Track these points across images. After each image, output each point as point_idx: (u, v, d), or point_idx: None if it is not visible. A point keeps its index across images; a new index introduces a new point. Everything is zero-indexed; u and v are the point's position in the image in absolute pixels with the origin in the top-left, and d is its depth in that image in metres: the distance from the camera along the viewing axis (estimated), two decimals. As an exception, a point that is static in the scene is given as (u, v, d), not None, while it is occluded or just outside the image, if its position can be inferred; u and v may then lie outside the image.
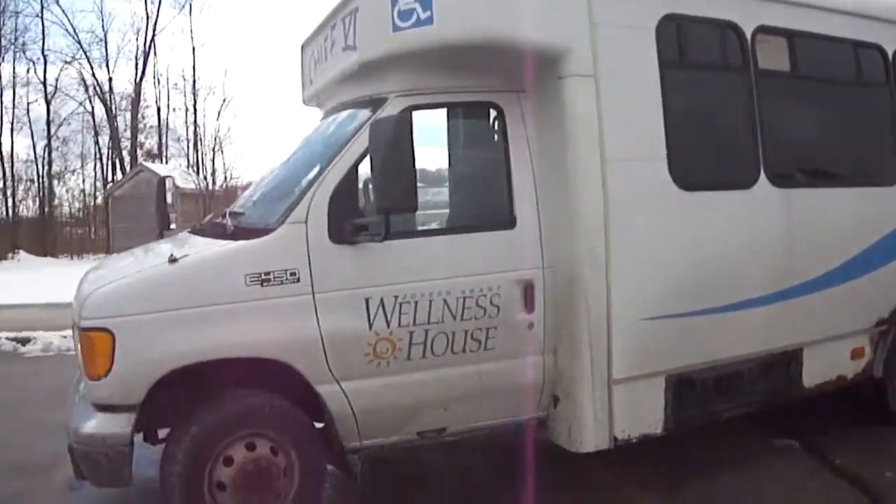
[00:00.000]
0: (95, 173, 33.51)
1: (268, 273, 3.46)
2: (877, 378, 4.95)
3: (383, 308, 3.59)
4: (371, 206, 3.79)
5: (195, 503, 3.37)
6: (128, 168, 29.60)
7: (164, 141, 33.67)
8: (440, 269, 3.70)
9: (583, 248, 3.80)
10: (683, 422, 4.15)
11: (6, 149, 30.49)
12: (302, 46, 5.02)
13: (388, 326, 3.60)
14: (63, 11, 34.74)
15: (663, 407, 4.06)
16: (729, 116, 4.51)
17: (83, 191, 34.09)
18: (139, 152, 32.01)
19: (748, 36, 4.38)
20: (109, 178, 31.56)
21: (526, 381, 3.91)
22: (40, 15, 30.32)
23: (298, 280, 3.49)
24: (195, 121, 32.12)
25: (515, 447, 4.72)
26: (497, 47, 3.71)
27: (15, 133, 31.42)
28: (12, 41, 29.84)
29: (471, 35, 3.67)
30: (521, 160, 3.88)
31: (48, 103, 31.10)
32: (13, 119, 30.55)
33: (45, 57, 31.40)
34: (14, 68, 30.63)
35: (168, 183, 5.43)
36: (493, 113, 3.97)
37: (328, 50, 4.42)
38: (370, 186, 3.76)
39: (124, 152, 32.06)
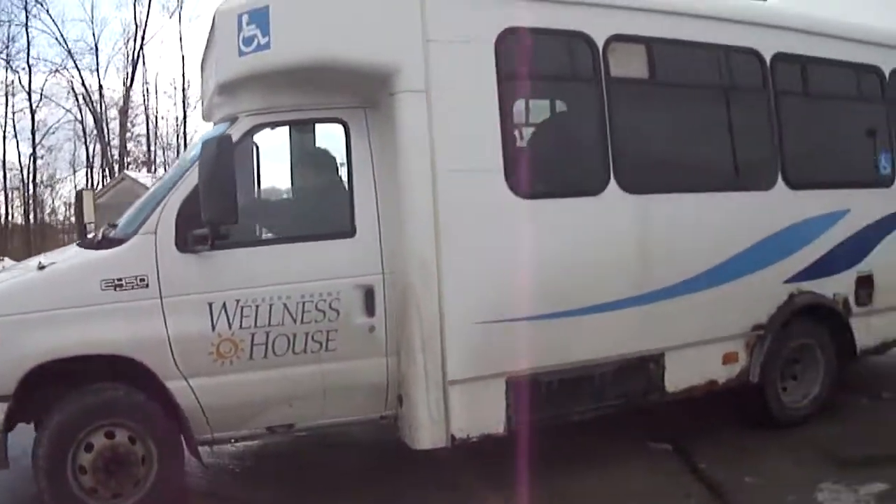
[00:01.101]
0: (87, 180, 35.07)
1: (120, 279, 4.10)
2: (753, 383, 5.28)
3: (226, 311, 4.18)
4: None
5: (59, 484, 4.02)
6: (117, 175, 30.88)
7: (152, 149, 35.15)
8: (280, 275, 4.26)
9: (413, 256, 4.29)
10: (528, 423, 4.55)
11: (-1, 156, 32.18)
12: (200, 65, 5.66)
13: (231, 328, 4.19)
14: (53, 21, 36.68)
15: (505, 408, 4.49)
16: (576, 125, 4.93)
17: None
18: (127, 160, 33.42)
19: (600, 45, 4.73)
20: (100, 186, 32.87)
21: (369, 381, 4.45)
22: (25, 25, 32.07)
23: (147, 286, 4.12)
24: (184, 129, 33.46)
25: (370, 444, 5.30)
26: (332, 68, 4.26)
27: (8, 141, 33.16)
28: (0, 50, 31.51)
29: (305, 57, 4.23)
30: (363, 172, 4.42)
31: (33, 112, 32.99)
32: (5, 127, 32.23)
33: (29, 66, 33.44)
34: (6, 76, 32.42)
35: (86, 196, 6.17)
36: (339, 128, 4.49)
37: (211, 70, 5.04)
38: None
39: (113, 160, 33.45)
